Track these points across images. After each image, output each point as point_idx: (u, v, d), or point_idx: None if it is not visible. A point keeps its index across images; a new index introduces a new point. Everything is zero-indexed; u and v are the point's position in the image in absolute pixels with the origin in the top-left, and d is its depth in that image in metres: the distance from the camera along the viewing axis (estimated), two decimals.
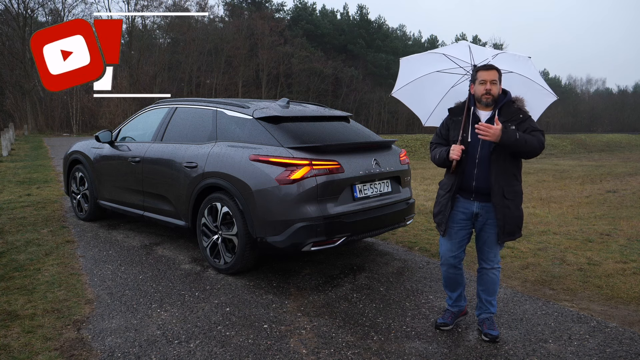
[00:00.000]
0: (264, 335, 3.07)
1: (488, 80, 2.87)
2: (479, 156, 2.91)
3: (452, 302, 3.24)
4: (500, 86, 2.93)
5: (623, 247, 5.22)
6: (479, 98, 2.93)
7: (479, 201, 2.97)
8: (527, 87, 3.09)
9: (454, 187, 3.00)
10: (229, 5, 49.46)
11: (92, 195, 5.85)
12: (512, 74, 3.12)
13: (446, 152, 2.96)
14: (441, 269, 3.22)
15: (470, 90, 3.01)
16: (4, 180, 9.69)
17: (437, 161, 3.06)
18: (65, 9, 36.26)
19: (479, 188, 2.94)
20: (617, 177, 13.10)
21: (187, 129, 4.76)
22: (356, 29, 56.19)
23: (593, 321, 3.32)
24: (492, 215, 2.95)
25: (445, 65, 3.26)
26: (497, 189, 2.88)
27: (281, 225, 3.72)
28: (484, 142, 2.89)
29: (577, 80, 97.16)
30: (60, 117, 34.26)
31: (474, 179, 2.94)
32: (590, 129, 72.99)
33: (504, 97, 2.95)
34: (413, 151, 23.59)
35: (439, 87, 3.33)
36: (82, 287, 3.82)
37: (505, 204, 2.89)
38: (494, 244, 3.01)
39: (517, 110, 2.92)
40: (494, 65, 2.92)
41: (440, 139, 3.12)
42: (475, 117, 2.96)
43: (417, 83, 3.33)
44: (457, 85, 3.30)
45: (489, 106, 2.94)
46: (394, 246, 5.18)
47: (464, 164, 2.95)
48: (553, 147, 29.37)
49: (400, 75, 3.37)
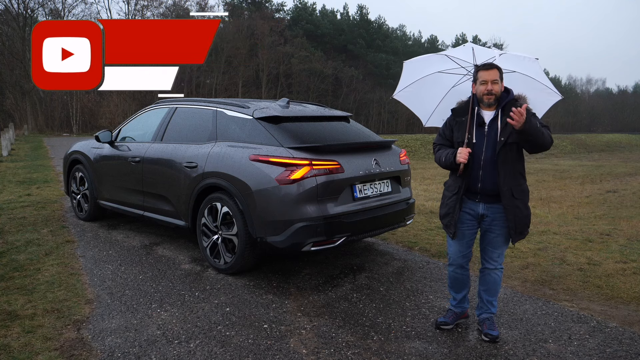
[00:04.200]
0: (264, 335, 3.07)
1: (489, 80, 2.85)
2: (484, 158, 2.90)
3: (456, 303, 3.24)
4: (502, 85, 2.91)
5: (623, 247, 5.22)
6: (480, 98, 2.91)
7: (484, 202, 2.96)
8: (530, 86, 3.06)
9: (462, 189, 2.97)
10: (229, 5, 49.48)
11: (92, 195, 5.85)
12: (515, 73, 3.10)
13: (452, 155, 2.93)
14: (448, 270, 3.23)
15: (472, 90, 2.99)
16: (4, 180, 9.69)
17: (442, 164, 3.02)
18: (65, 9, 36.32)
19: (485, 189, 2.93)
20: (617, 177, 13.10)
21: (187, 129, 4.76)
22: (356, 29, 56.20)
23: (593, 321, 3.32)
24: (499, 217, 2.93)
25: (447, 66, 3.26)
26: (506, 190, 2.86)
27: (281, 225, 3.72)
28: (488, 143, 2.88)
29: (577, 80, 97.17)
30: (60, 117, 34.25)
31: (480, 180, 2.92)
32: (590, 129, 72.97)
33: (507, 95, 2.92)
34: (413, 151, 23.59)
35: (439, 87, 3.32)
36: (82, 287, 3.82)
37: (515, 204, 2.88)
38: (499, 244, 3.00)
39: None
40: (494, 64, 2.90)
41: (444, 140, 3.09)
42: (479, 118, 2.94)
43: (418, 84, 3.32)
44: (457, 86, 3.29)
45: (491, 106, 2.92)
46: (394, 246, 5.17)
47: (470, 166, 2.92)
48: (553, 147, 29.29)
49: (403, 77, 3.38)
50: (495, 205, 2.93)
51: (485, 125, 2.92)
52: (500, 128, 2.87)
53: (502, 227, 2.95)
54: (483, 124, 2.92)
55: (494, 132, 2.89)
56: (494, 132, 2.89)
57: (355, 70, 49.97)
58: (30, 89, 31.91)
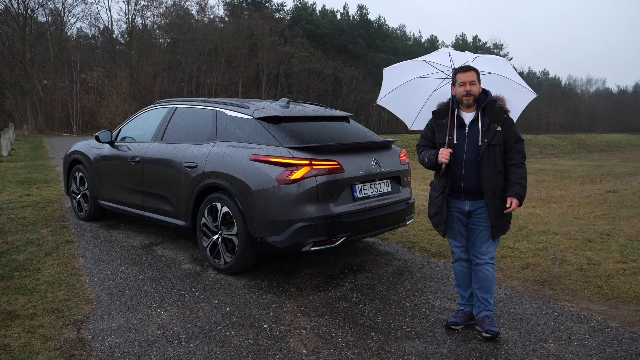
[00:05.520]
0: (264, 335, 3.07)
1: (467, 82, 2.96)
2: (466, 158, 3.00)
3: (465, 301, 3.27)
4: (480, 86, 3.02)
5: (623, 247, 5.22)
6: (460, 99, 3.01)
7: (469, 200, 3.06)
8: (506, 87, 3.18)
9: (447, 189, 3.07)
10: (229, 5, 49.46)
11: (92, 195, 5.85)
12: (491, 74, 3.22)
13: (435, 155, 3.03)
14: (453, 267, 3.30)
15: (452, 92, 3.09)
16: (4, 180, 9.69)
17: (426, 164, 3.13)
18: (65, 9, 36.33)
19: (468, 188, 3.03)
20: (617, 177, 13.10)
21: (187, 129, 4.76)
22: (356, 29, 56.14)
23: (593, 321, 3.32)
24: (484, 212, 3.03)
25: (427, 71, 3.36)
26: (489, 189, 2.96)
27: (281, 225, 3.72)
28: (470, 144, 2.99)
29: (577, 80, 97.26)
30: (60, 117, 34.24)
31: (462, 179, 3.03)
32: (590, 129, 72.94)
33: (486, 97, 3.04)
34: (413, 151, 23.56)
35: (421, 91, 3.43)
36: (82, 287, 3.82)
37: (497, 202, 2.97)
38: (485, 237, 3.07)
39: (500, 110, 3.00)
40: (471, 67, 3.02)
41: (426, 142, 3.20)
42: (459, 119, 3.04)
43: (400, 90, 3.43)
44: (439, 89, 3.40)
45: (470, 107, 3.03)
46: (394, 246, 5.17)
47: (452, 166, 3.02)
48: (553, 147, 29.36)
49: (384, 84, 3.49)
50: (479, 201, 3.03)
51: (466, 126, 3.03)
52: (482, 130, 2.97)
53: (488, 221, 3.03)
54: (463, 125, 3.03)
55: (475, 133, 2.99)
56: (474, 133, 3.00)
57: (355, 70, 49.93)
58: (30, 88, 31.92)
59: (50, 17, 36.14)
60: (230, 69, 43.30)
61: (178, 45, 42.26)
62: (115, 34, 40.77)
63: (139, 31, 39.10)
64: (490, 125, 2.95)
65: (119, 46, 40.82)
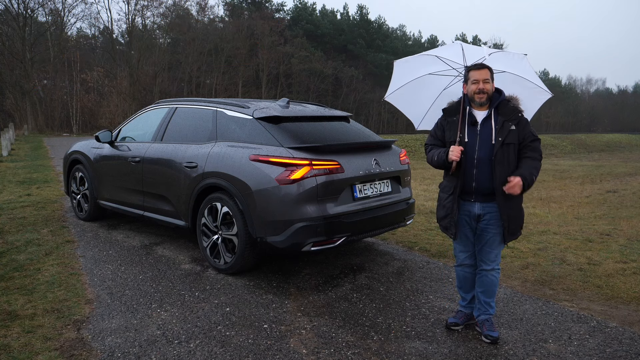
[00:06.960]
0: (264, 335, 3.07)
1: (480, 80, 2.86)
2: (477, 157, 2.89)
3: (466, 303, 3.23)
4: (493, 84, 2.92)
5: (623, 247, 5.22)
6: (472, 97, 2.91)
7: (480, 202, 2.95)
8: (520, 86, 3.07)
9: (457, 189, 2.96)
10: (229, 5, 49.46)
11: (92, 195, 5.85)
12: (505, 73, 3.11)
13: (445, 153, 2.92)
14: (456, 270, 3.23)
15: (464, 90, 2.99)
16: (4, 180, 9.68)
17: (434, 163, 3.01)
18: (65, 9, 36.31)
19: (480, 189, 2.91)
20: (617, 177, 13.10)
21: (187, 129, 4.76)
22: (356, 29, 56.15)
23: (593, 321, 3.32)
24: (495, 216, 2.92)
25: (438, 68, 3.25)
26: (501, 189, 2.85)
27: (281, 225, 3.72)
28: (482, 142, 2.88)
29: (577, 80, 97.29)
30: (60, 117, 34.23)
31: (474, 179, 2.91)
32: (590, 129, 72.97)
33: (499, 96, 2.94)
34: (413, 151, 23.58)
35: (431, 90, 3.32)
36: (82, 287, 3.82)
37: (509, 205, 2.88)
38: (496, 244, 2.99)
39: (513, 109, 2.90)
40: (485, 64, 2.91)
41: (435, 140, 3.09)
42: (471, 117, 2.94)
43: (409, 86, 3.32)
44: (449, 88, 3.29)
45: (483, 105, 2.92)
46: (394, 246, 5.17)
47: (463, 165, 2.91)
48: (553, 147, 29.36)
49: (394, 78, 3.38)
50: (490, 204, 2.92)
51: (478, 124, 2.92)
52: (496, 129, 2.87)
53: (498, 227, 2.94)
54: (475, 122, 2.92)
55: (487, 131, 2.88)
56: (487, 131, 2.89)
57: (355, 70, 49.93)
58: (30, 88, 31.91)
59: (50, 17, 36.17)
60: (230, 69, 43.30)
61: (178, 45, 42.26)
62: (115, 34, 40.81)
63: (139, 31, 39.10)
64: (504, 123, 2.84)
65: (119, 46, 40.82)
